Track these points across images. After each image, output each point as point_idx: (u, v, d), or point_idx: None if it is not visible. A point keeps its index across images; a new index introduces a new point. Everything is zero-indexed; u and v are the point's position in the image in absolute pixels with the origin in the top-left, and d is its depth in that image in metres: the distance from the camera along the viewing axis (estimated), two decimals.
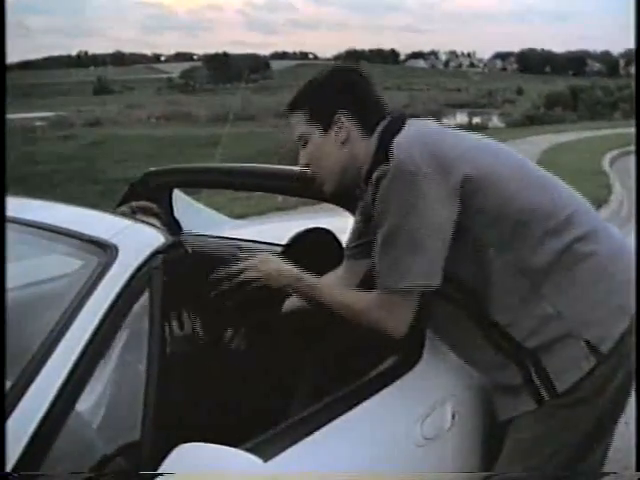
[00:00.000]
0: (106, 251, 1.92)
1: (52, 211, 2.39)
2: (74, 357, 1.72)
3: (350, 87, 2.38)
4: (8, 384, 1.69)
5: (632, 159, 20.65)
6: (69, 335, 1.75)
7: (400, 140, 2.21)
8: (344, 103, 2.35)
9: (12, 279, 1.97)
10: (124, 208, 2.90)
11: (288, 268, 2.48)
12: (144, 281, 1.88)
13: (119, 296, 1.82)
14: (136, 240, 2.00)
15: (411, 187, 2.13)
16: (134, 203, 2.95)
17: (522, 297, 2.24)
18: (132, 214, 2.77)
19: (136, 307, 1.87)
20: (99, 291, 1.82)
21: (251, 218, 8.88)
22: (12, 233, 2.04)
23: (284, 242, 3.05)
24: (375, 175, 2.21)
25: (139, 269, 1.88)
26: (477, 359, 2.42)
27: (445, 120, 41.71)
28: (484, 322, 2.29)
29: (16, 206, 2.21)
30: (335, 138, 2.35)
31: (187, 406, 2.29)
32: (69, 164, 23.13)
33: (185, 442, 1.65)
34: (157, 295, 1.89)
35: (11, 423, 1.60)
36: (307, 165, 2.44)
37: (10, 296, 1.95)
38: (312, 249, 2.87)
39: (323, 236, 2.98)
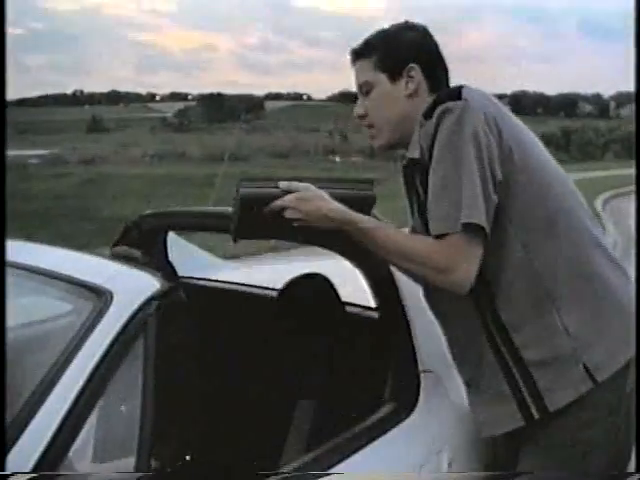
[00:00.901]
0: (100, 297, 1.90)
1: (46, 254, 2.38)
2: (67, 405, 1.72)
3: (422, 43, 2.35)
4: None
5: (624, 200, 20.81)
6: (62, 382, 1.74)
7: (470, 89, 2.18)
8: (416, 57, 2.31)
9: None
10: (118, 249, 2.88)
11: (334, 207, 2.18)
12: (139, 328, 1.86)
13: (113, 343, 1.80)
14: (131, 286, 1.99)
15: (475, 133, 2.08)
16: (120, 249, 2.93)
17: (535, 303, 2.19)
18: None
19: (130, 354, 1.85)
20: (93, 338, 1.80)
21: (244, 259, 8.85)
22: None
23: (279, 287, 3.03)
24: (440, 109, 2.13)
25: (134, 316, 1.86)
26: (470, 358, 2.33)
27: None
28: (489, 318, 2.22)
29: (9, 249, 2.18)
30: (405, 88, 2.30)
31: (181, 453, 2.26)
32: (63, 202, 23.12)
33: None
34: (152, 342, 1.87)
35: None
36: (363, 116, 2.37)
37: None
38: (308, 296, 2.85)
39: (319, 283, 2.95)
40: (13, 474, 1.58)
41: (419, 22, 2.40)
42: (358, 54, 2.37)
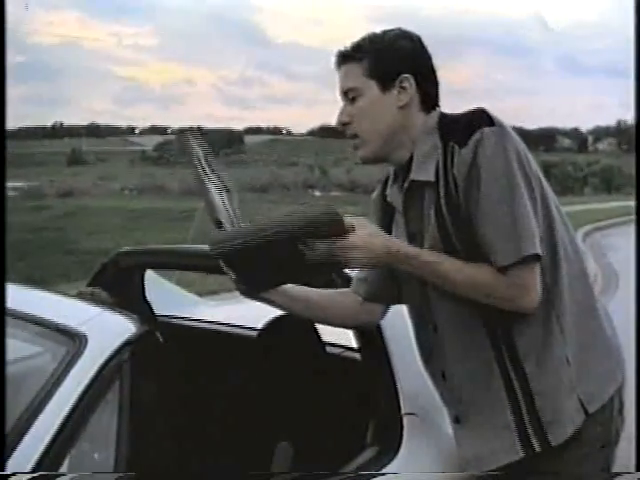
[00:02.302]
0: (75, 341, 1.85)
1: (19, 294, 2.31)
2: (40, 451, 1.68)
3: (417, 54, 2.22)
4: None
5: (604, 234, 20.95)
6: (34, 428, 1.69)
7: (492, 114, 2.08)
8: (410, 67, 2.17)
9: None
10: (94, 289, 2.83)
11: (398, 243, 2.10)
12: (114, 374, 1.81)
13: (87, 390, 1.75)
14: (106, 329, 1.93)
15: (520, 161, 2.03)
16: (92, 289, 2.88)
17: (547, 332, 2.13)
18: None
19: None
20: (66, 384, 1.75)
21: (222, 295, 8.78)
22: None
23: (259, 326, 2.98)
24: (478, 136, 2.01)
25: (108, 361, 1.81)
26: (471, 391, 2.23)
27: None
28: (504, 347, 2.14)
29: None
30: (396, 99, 2.16)
31: None
32: (41, 234, 23.00)
33: None
34: (127, 388, 1.81)
35: None
36: (347, 124, 2.21)
37: None
38: (288, 336, 2.80)
39: (299, 323, 2.90)
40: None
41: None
42: (346, 57, 2.22)
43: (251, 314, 3.40)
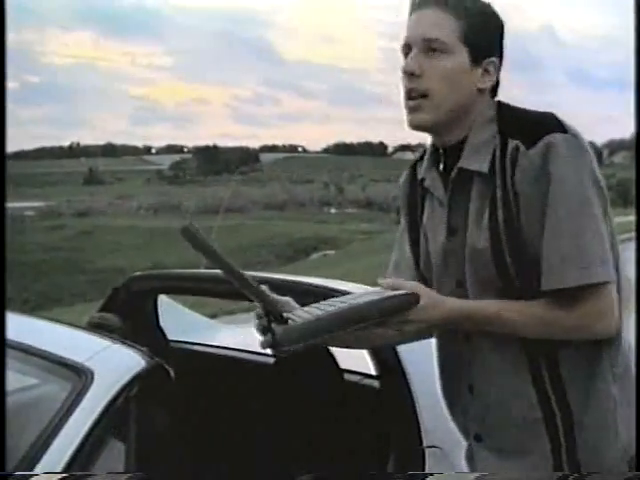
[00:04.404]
0: (81, 376, 1.77)
1: (24, 326, 2.23)
2: None
3: (503, 39, 1.95)
4: None
5: (621, 248, 20.73)
6: (39, 468, 1.61)
7: (563, 120, 1.85)
8: (498, 51, 1.93)
9: None
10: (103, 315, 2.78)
11: (455, 303, 1.87)
12: (121, 411, 1.73)
13: (93, 428, 1.67)
14: (113, 364, 1.86)
15: (594, 174, 1.83)
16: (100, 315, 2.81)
17: (593, 361, 1.91)
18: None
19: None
20: (71, 422, 1.67)
21: (239, 315, 8.73)
22: None
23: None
24: (548, 140, 1.78)
25: (116, 398, 1.73)
26: (506, 394, 1.98)
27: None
28: (544, 369, 1.92)
29: None
30: (479, 79, 1.90)
31: None
32: (57, 254, 23.15)
33: None
34: (135, 426, 1.73)
35: None
36: (417, 76, 1.87)
37: None
38: (305, 363, 2.72)
39: (317, 348, 2.82)
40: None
41: None
42: (445, 4, 1.89)
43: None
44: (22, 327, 2.23)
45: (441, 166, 1.98)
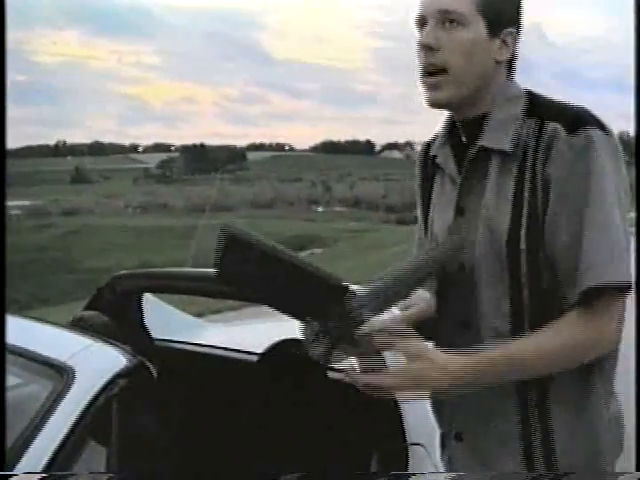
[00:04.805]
0: (62, 375, 1.76)
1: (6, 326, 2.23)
2: None
3: (522, 10, 1.86)
4: None
5: None
6: (19, 469, 1.60)
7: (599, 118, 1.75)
8: (517, 23, 1.83)
9: None
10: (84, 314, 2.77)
11: (457, 360, 1.69)
12: (103, 410, 1.72)
13: (74, 427, 1.66)
14: (95, 363, 1.85)
15: (624, 173, 1.75)
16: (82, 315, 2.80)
17: (584, 394, 1.80)
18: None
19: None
20: (53, 421, 1.66)
21: (226, 313, 8.72)
22: None
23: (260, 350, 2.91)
24: (588, 134, 1.69)
25: (97, 397, 1.72)
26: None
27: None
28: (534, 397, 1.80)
29: None
30: (497, 51, 1.80)
31: None
32: (45, 253, 23.07)
33: None
34: (117, 425, 1.73)
35: None
36: (434, 49, 1.78)
37: None
38: (289, 361, 2.71)
39: (301, 347, 2.82)
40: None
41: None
42: None
43: (254, 335, 3.32)
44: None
45: (462, 139, 1.87)
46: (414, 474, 2.23)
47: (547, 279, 1.73)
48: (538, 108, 1.80)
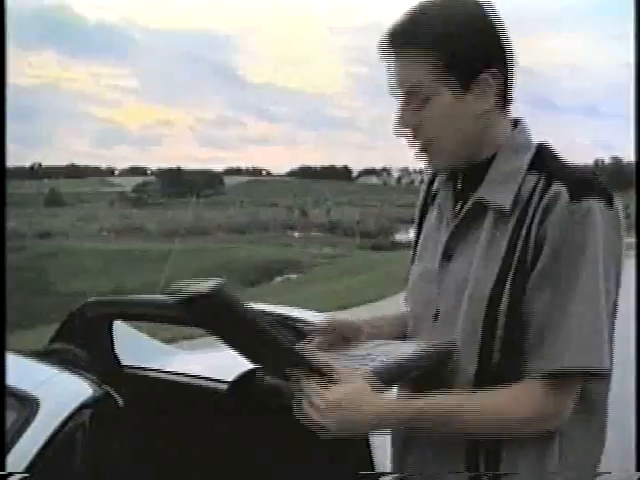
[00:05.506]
0: (26, 406, 1.74)
1: None
2: None
3: (501, 40, 1.71)
4: None
5: None
6: None
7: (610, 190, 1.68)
8: (494, 58, 1.70)
9: None
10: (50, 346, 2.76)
11: (387, 405, 1.62)
12: (67, 440, 1.70)
13: (36, 459, 1.63)
14: (60, 393, 1.83)
15: (618, 247, 1.66)
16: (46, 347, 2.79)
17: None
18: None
19: None
20: (14, 453, 1.64)
21: (199, 339, 8.66)
22: None
23: (230, 379, 2.89)
24: (589, 205, 1.61)
25: (62, 427, 1.70)
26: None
27: (397, 236, 42.29)
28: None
29: None
30: (476, 103, 1.69)
31: None
32: (18, 275, 22.86)
33: None
34: (81, 456, 1.71)
35: None
36: (416, 127, 1.73)
37: None
38: (259, 391, 2.70)
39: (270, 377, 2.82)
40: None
41: None
42: (408, 43, 1.69)
43: (226, 363, 3.30)
44: None
45: (459, 185, 1.82)
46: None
47: (520, 343, 1.65)
48: (544, 164, 1.72)
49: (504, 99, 1.75)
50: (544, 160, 1.73)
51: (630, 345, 2.20)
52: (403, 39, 1.69)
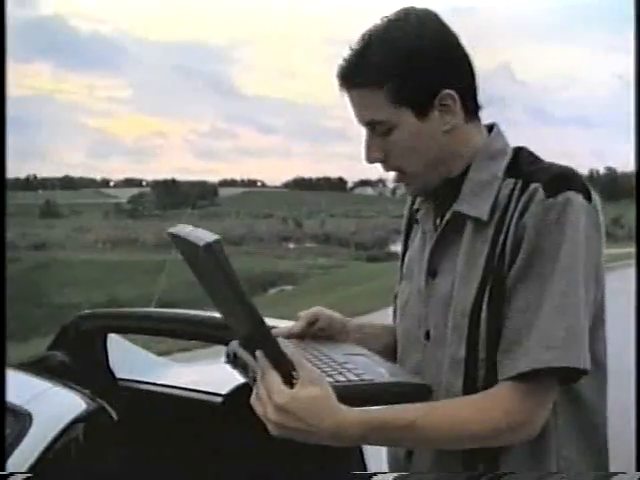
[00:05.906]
0: (19, 420, 1.73)
1: None
2: None
3: (454, 56, 1.69)
4: None
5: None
6: None
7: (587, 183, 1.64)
8: (450, 76, 1.66)
9: None
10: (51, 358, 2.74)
11: (352, 415, 1.47)
12: (61, 454, 1.69)
13: (30, 473, 1.62)
14: (53, 407, 1.82)
15: (597, 242, 1.61)
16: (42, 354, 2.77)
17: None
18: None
19: None
20: (8, 467, 1.62)
21: (195, 352, 8.65)
22: None
23: (224, 391, 2.89)
24: (565, 198, 1.56)
25: (55, 441, 1.69)
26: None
27: (392, 247, 42.22)
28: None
29: None
30: (439, 122, 1.66)
31: None
32: (12, 287, 22.77)
33: None
34: (76, 468, 1.70)
35: None
36: (383, 160, 1.72)
37: None
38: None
39: None
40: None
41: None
42: (357, 83, 1.67)
43: (221, 375, 3.30)
44: None
45: (438, 200, 1.78)
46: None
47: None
48: (521, 167, 1.69)
49: (470, 108, 1.71)
50: (521, 164, 1.70)
51: (630, 345, 2.18)
52: (352, 80, 1.67)
